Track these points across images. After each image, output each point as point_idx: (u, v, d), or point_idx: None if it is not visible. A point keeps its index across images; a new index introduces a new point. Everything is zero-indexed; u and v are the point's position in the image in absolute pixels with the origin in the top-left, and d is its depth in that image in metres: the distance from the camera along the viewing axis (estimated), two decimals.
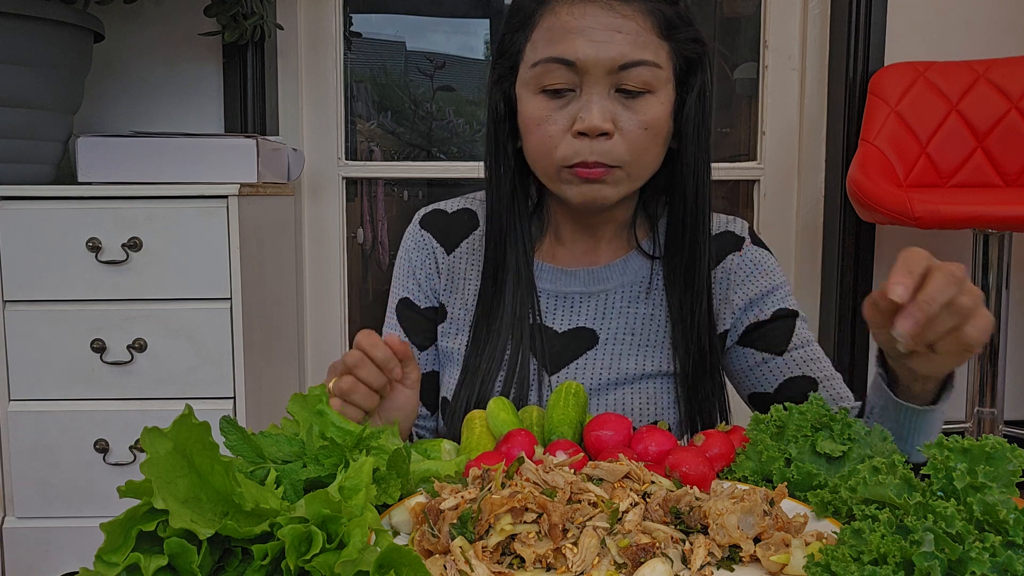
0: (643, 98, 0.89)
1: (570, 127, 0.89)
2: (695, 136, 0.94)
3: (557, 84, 0.89)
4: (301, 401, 0.71)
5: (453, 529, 0.56)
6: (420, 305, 1.06)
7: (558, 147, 0.90)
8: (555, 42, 0.88)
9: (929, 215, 1.68)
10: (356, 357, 0.83)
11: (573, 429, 0.78)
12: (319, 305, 2.28)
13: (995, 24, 2.10)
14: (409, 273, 1.07)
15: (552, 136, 0.90)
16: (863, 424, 0.71)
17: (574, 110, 0.89)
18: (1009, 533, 0.48)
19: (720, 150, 2.36)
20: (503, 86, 0.96)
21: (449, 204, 1.10)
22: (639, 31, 0.87)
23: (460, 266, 1.06)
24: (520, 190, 1.00)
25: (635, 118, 0.89)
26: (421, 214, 1.10)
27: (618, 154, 0.89)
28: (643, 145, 0.90)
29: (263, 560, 0.49)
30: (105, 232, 1.57)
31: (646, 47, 0.88)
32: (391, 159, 2.39)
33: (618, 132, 0.89)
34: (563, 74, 0.88)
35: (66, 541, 1.62)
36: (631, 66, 0.87)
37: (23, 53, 1.57)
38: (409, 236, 1.09)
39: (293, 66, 2.19)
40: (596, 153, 0.88)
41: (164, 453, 0.48)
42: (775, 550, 0.55)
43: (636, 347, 1.00)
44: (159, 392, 1.60)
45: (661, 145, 0.93)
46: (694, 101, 0.93)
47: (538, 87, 0.90)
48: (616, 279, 1.01)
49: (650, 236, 1.03)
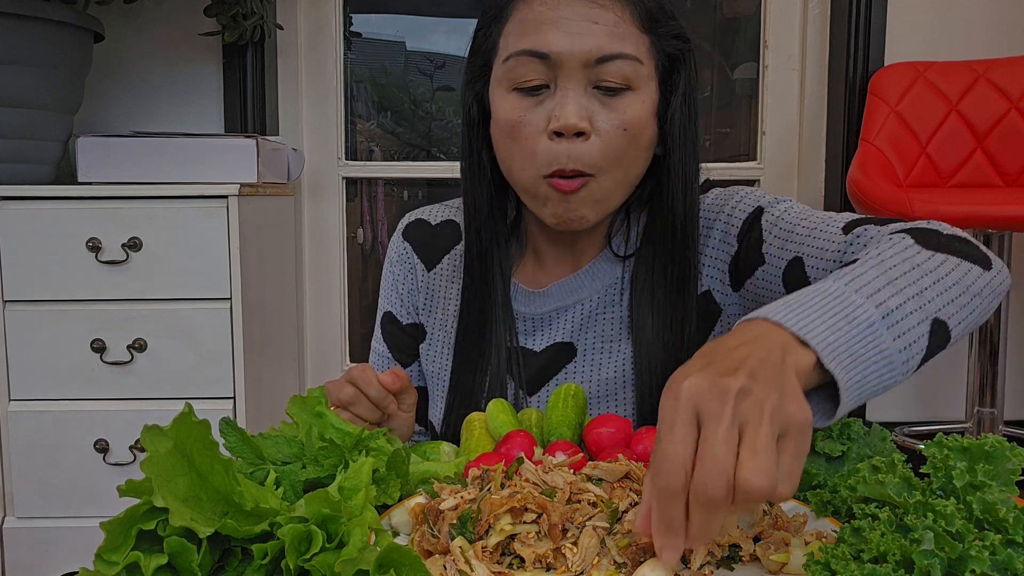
0: (622, 95, 0.82)
1: (546, 127, 0.81)
2: (681, 141, 0.87)
3: (530, 80, 0.82)
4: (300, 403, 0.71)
5: (453, 529, 0.56)
6: (402, 321, 1.03)
7: (536, 153, 0.82)
8: (528, 34, 0.82)
9: (929, 215, 1.68)
10: (351, 394, 0.81)
11: (572, 430, 0.78)
12: (319, 305, 2.28)
13: (995, 24, 2.10)
14: (392, 286, 1.04)
15: (528, 139, 0.82)
16: (862, 424, 0.71)
17: (549, 108, 0.82)
18: (1009, 531, 0.48)
19: (720, 150, 2.36)
20: (476, 88, 0.89)
21: (434, 214, 1.04)
22: (618, 21, 0.81)
23: (440, 283, 1.01)
24: (498, 203, 0.93)
25: (613, 117, 0.81)
26: (405, 223, 1.05)
27: (593, 158, 0.81)
28: (620, 148, 0.82)
29: (263, 559, 0.49)
30: (105, 232, 1.57)
31: (625, 39, 0.81)
32: (391, 159, 2.39)
33: (595, 132, 0.81)
34: (536, 68, 0.81)
35: (66, 541, 1.62)
36: (609, 59, 0.80)
37: (23, 53, 1.57)
38: (392, 246, 1.05)
39: (293, 66, 2.19)
40: (573, 158, 0.81)
41: (164, 452, 0.48)
42: (775, 549, 0.55)
43: (614, 354, 0.92)
44: (159, 392, 1.60)
45: (642, 150, 0.85)
46: (679, 102, 0.86)
47: (511, 84, 0.83)
48: (588, 287, 0.94)
49: (622, 233, 0.94)
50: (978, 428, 1.95)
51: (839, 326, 0.55)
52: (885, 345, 0.57)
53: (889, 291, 0.59)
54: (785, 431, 0.48)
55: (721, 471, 0.46)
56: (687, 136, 0.87)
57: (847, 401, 0.55)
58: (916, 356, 0.59)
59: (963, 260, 0.66)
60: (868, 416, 2.21)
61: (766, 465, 0.46)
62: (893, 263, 0.63)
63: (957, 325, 0.63)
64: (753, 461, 0.46)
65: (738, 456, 0.46)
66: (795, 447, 0.48)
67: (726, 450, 0.46)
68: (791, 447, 0.48)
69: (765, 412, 0.47)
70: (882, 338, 0.56)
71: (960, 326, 0.63)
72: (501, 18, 0.85)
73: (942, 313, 0.61)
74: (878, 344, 0.56)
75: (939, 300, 0.62)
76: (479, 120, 0.90)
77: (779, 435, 0.48)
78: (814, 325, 0.55)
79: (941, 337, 0.61)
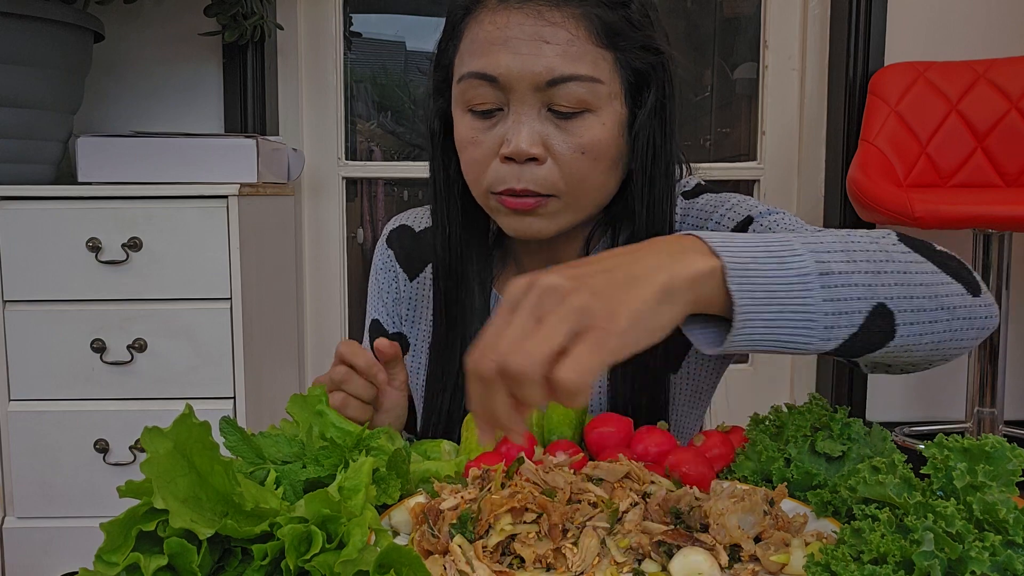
0: (579, 118, 0.77)
1: (498, 150, 0.78)
2: (649, 158, 0.81)
3: (482, 103, 0.78)
4: (300, 402, 0.71)
5: (453, 529, 0.56)
6: (388, 330, 1.01)
7: (485, 173, 0.80)
8: (477, 55, 0.78)
9: (929, 215, 1.68)
10: (342, 372, 0.79)
11: (573, 430, 0.78)
12: (319, 305, 2.28)
13: (995, 24, 2.10)
14: (378, 295, 1.01)
15: (478, 161, 0.80)
16: (862, 424, 0.71)
17: (502, 131, 0.78)
18: (1009, 532, 0.48)
19: (720, 150, 2.36)
20: (439, 102, 0.86)
21: (418, 219, 1.01)
22: (571, 40, 0.75)
23: (423, 294, 0.98)
24: (473, 215, 0.88)
25: (570, 140, 0.77)
26: (388, 229, 1.02)
27: (552, 182, 0.78)
28: (582, 172, 0.78)
29: (263, 560, 0.49)
30: (105, 232, 1.57)
31: (580, 59, 0.76)
32: (391, 159, 2.39)
33: (551, 157, 0.77)
34: (487, 92, 0.77)
35: (66, 541, 1.62)
36: (561, 81, 0.75)
37: (23, 53, 1.57)
38: (377, 253, 1.02)
39: (293, 66, 2.19)
40: (524, 180, 0.77)
41: (164, 453, 0.48)
42: (775, 550, 0.55)
43: None
44: (159, 392, 1.60)
45: (607, 170, 0.81)
46: (646, 118, 0.80)
47: (465, 105, 0.80)
48: None
49: (605, 240, 0.90)
50: (978, 428, 1.95)
51: (766, 261, 0.54)
52: (812, 301, 0.55)
53: (840, 257, 0.57)
54: (583, 327, 0.48)
55: (488, 348, 0.49)
56: (658, 152, 0.82)
57: (743, 333, 0.54)
58: (845, 328, 0.56)
59: (945, 273, 0.63)
60: (868, 416, 2.21)
61: (530, 348, 0.47)
62: (861, 245, 0.60)
63: (908, 325, 0.59)
64: (519, 343, 0.48)
65: None
66: (591, 343, 0.48)
67: (508, 333, 0.49)
68: (587, 341, 0.48)
69: (563, 307, 0.49)
70: (812, 293, 0.55)
71: (912, 327, 0.59)
72: (456, 35, 0.82)
73: (893, 303, 0.58)
74: (805, 297, 0.54)
75: (895, 290, 0.59)
76: (441, 133, 0.86)
77: (579, 331, 0.48)
78: (738, 250, 0.54)
79: (883, 325, 0.58)
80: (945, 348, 0.63)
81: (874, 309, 0.57)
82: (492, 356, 0.49)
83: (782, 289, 0.54)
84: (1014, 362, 2.14)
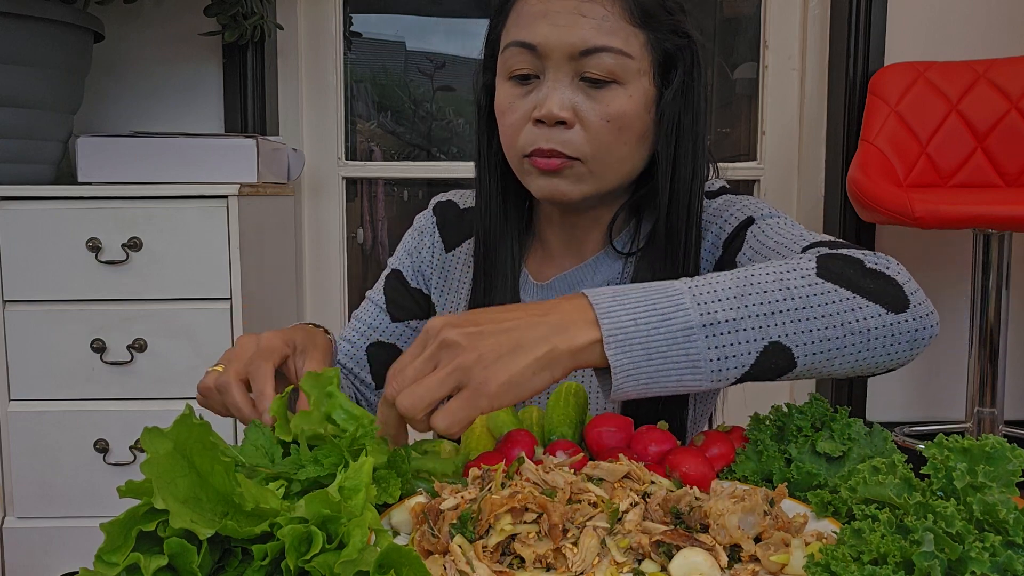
0: (608, 88, 0.84)
1: (531, 115, 0.85)
2: (674, 138, 0.87)
3: (521, 69, 0.86)
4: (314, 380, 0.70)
5: (453, 529, 0.56)
6: (410, 283, 1.06)
7: (519, 136, 0.87)
8: (521, 27, 0.86)
9: (929, 215, 1.68)
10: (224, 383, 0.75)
11: (573, 429, 0.78)
12: (319, 305, 2.28)
13: (995, 24, 2.10)
14: (408, 252, 1.07)
15: (513, 125, 0.87)
16: (862, 424, 0.71)
17: (536, 97, 0.85)
18: (1009, 533, 0.48)
19: (720, 150, 2.36)
20: (486, 77, 0.94)
21: (464, 198, 1.08)
22: (606, 16, 0.83)
23: (456, 267, 1.04)
24: (511, 192, 0.96)
25: (597, 108, 0.84)
26: (437, 199, 1.09)
27: (577, 145, 0.85)
28: (607, 140, 0.85)
29: (263, 560, 0.49)
30: (105, 232, 1.57)
31: (613, 33, 0.83)
32: (391, 159, 2.39)
33: (579, 123, 0.84)
34: (527, 59, 0.85)
35: (66, 541, 1.62)
36: (593, 52, 0.82)
37: (23, 53, 1.57)
38: (420, 218, 1.09)
39: (293, 66, 2.19)
40: (552, 141, 0.84)
41: (164, 453, 0.48)
42: (775, 550, 0.55)
43: None
44: (159, 392, 1.60)
45: (632, 143, 0.87)
46: (671, 97, 0.87)
47: (507, 73, 0.88)
48: (590, 281, 0.96)
49: (628, 230, 0.96)
50: (978, 428, 1.95)
51: (647, 320, 0.61)
52: (695, 350, 0.61)
53: (730, 304, 0.62)
54: (463, 385, 0.59)
55: (395, 374, 0.62)
56: (683, 133, 0.88)
57: (625, 386, 0.61)
58: (734, 369, 0.62)
59: (860, 296, 0.65)
60: (868, 416, 2.21)
61: (419, 393, 0.59)
62: (761, 286, 0.64)
63: (810, 355, 0.64)
64: (410, 388, 0.60)
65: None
66: (466, 399, 0.59)
67: (411, 367, 0.61)
68: (462, 398, 0.59)
69: (452, 363, 0.59)
70: (695, 343, 0.61)
71: (816, 356, 0.64)
72: (504, 11, 0.90)
73: (788, 339, 0.63)
74: (688, 348, 0.61)
75: (791, 326, 0.63)
76: (487, 107, 0.93)
77: (460, 387, 0.59)
78: (620, 313, 0.61)
79: (780, 359, 0.63)
80: (867, 366, 0.67)
81: (767, 347, 0.63)
82: (394, 386, 0.61)
83: (663, 345, 0.61)
84: (1014, 362, 2.14)
